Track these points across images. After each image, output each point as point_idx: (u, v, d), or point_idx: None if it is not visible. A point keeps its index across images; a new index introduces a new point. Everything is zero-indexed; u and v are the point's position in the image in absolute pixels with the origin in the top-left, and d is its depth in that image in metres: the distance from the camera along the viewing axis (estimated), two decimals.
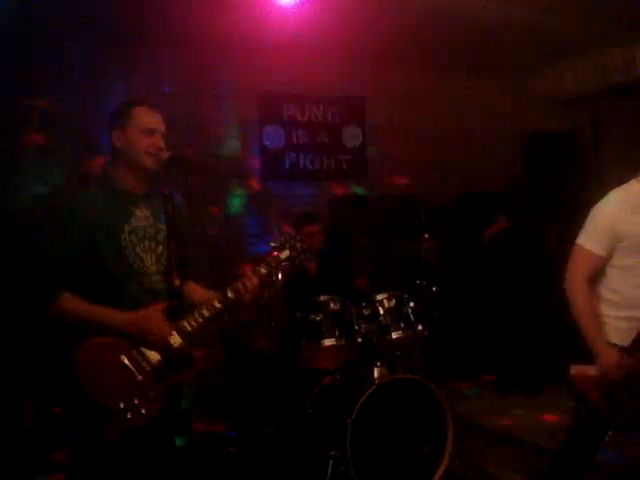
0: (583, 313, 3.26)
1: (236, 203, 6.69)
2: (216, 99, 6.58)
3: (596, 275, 3.33)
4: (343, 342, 4.57)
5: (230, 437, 4.98)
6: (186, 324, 3.00)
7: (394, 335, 4.61)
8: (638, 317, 3.23)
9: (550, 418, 5.56)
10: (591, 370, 3.22)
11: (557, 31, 6.29)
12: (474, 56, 7.02)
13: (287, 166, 7.01)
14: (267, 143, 6.92)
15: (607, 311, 3.30)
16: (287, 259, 3.35)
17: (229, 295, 3.10)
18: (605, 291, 3.34)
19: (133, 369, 2.88)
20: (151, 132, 3.02)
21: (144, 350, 2.91)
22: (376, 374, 4.46)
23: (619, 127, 7.58)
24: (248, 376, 5.06)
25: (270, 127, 6.94)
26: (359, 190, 7.19)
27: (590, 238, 3.30)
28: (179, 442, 3.35)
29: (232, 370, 5.12)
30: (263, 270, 3.24)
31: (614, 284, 3.31)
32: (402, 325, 4.64)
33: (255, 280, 3.18)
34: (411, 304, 4.72)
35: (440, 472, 4.33)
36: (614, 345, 3.21)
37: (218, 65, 6.52)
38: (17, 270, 5.03)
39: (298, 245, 3.38)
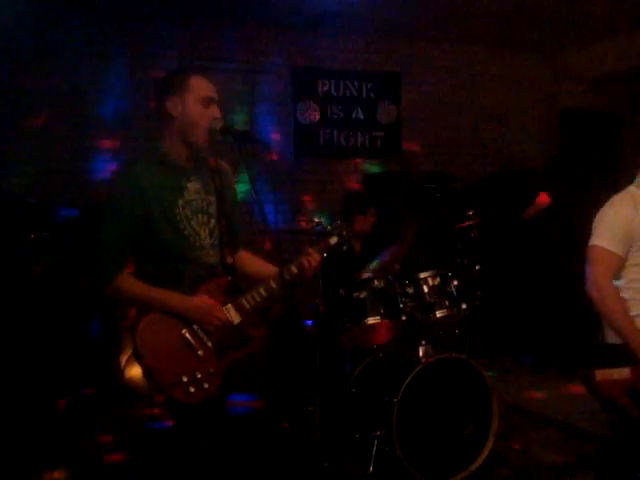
0: (620, 316, 3.16)
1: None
2: (250, 74, 6.49)
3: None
4: (387, 320, 4.51)
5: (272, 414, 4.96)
6: (244, 302, 2.97)
7: (439, 314, 4.53)
8: None
9: (589, 400, 5.47)
10: (617, 373, 3.10)
11: (596, 9, 6.15)
12: (512, 32, 6.89)
13: (321, 142, 6.92)
14: (301, 119, 6.83)
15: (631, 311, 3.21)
16: (335, 245, 3.32)
17: (286, 277, 3.06)
18: (625, 292, 3.24)
19: (195, 344, 2.84)
20: (210, 101, 2.93)
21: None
22: (421, 353, 4.39)
23: None
24: (291, 354, 5.00)
25: (304, 103, 6.84)
26: (393, 167, 7.08)
27: (609, 239, 3.21)
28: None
29: (275, 348, 5.06)
30: (323, 248, 3.24)
31: (633, 283, 3.23)
32: (446, 303, 4.57)
33: (318, 257, 3.16)
34: (454, 282, 4.64)
35: (485, 453, 4.28)
36: None
37: (252, 40, 6.43)
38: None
39: (345, 234, 3.35)
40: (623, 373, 3.09)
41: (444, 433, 4.23)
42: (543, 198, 6.32)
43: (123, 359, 4.71)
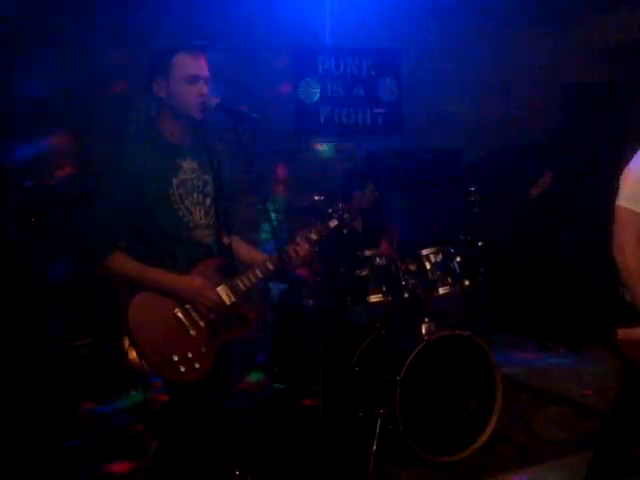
0: (637, 282, 3.10)
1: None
2: (249, 52, 6.41)
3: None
4: (390, 297, 4.48)
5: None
6: (239, 283, 2.96)
7: (441, 290, 4.52)
8: None
9: (596, 376, 5.45)
10: (639, 333, 3.10)
11: None
12: (511, 5, 6.80)
13: (322, 120, 6.85)
14: (301, 97, 6.76)
15: None
16: (335, 227, 3.30)
17: (282, 258, 3.04)
18: None
19: (187, 323, 2.83)
20: (195, 79, 2.87)
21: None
22: (424, 330, 4.38)
23: None
24: (293, 333, 4.98)
25: (304, 81, 6.77)
26: (397, 144, 7.01)
27: (633, 198, 3.13)
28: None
29: (277, 327, 5.04)
30: (314, 236, 3.19)
31: None
32: (449, 280, 4.55)
33: (306, 246, 3.14)
34: (457, 259, 4.61)
35: (489, 431, 4.27)
36: None
37: (251, 17, 6.34)
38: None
39: (346, 216, 3.32)
40: None
41: (447, 410, 4.23)
42: (547, 176, 6.26)
43: (126, 341, 4.70)
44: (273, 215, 3.97)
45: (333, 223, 3.27)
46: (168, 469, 2.92)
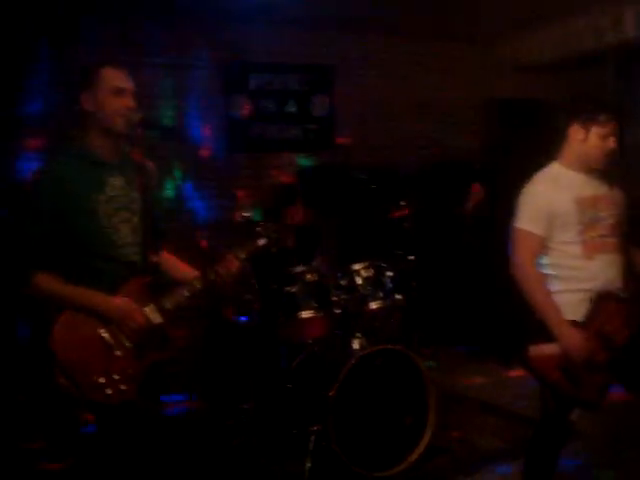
0: (541, 297, 3.23)
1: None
2: (179, 69, 6.37)
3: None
4: (321, 313, 4.48)
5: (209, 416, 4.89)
6: (167, 302, 2.92)
7: (373, 305, 4.53)
8: (586, 289, 3.22)
9: (526, 386, 5.53)
10: (549, 349, 3.19)
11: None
12: (442, 23, 6.90)
13: (253, 137, 6.83)
14: (232, 114, 6.73)
15: (554, 287, 3.27)
16: (263, 246, 3.27)
17: (210, 277, 3.03)
18: (549, 268, 3.30)
19: (112, 344, 2.77)
20: (120, 92, 2.88)
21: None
22: (356, 345, 4.38)
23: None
24: (224, 351, 4.93)
25: (235, 97, 6.74)
26: (328, 160, 7.03)
27: (529, 220, 3.26)
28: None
29: (207, 345, 4.98)
30: (242, 255, 3.17)
31: (556, 259, 3.28)
32: (381, 295, 4.57)
33: (236, 264, 3.12)
34: (388, 273, 4.64)
35: (423, 443, 4.27)
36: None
37: (180, 34, 6.31)
38: None
39: (274, 236, 3.30)
40: (554, 348, 3.17)
41: (382, 425, 4.22)
42: (476, 189, 6.37)
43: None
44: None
45: (261, 242, 3.25)
46: None
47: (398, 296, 4.62)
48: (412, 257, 4.91)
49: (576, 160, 3.35)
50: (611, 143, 3.28)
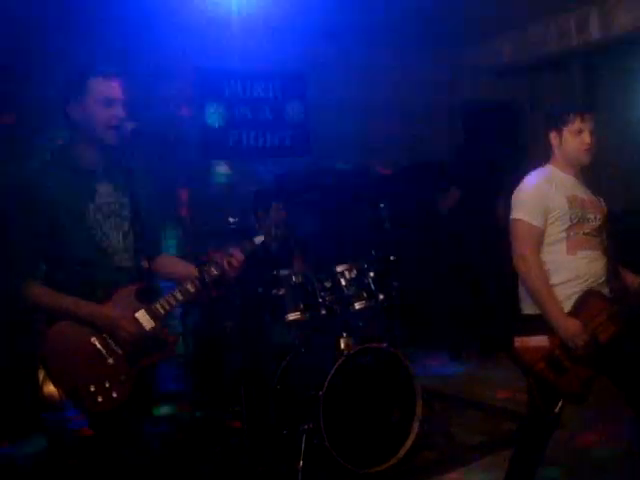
0: (543, 289, 3.27)
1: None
2: (155, 77, 6.39)
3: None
4: (307, 315, 4.54)
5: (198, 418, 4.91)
6: (159, 307, 2.90)
7: (357, 305, 4.60)
8: (571, 285, 3.28)
9: (506, 381, 5.63)
10: (534, 341, 3.26)
11: (492, 2, 6.31)
12: (409, 27, 6.99)
13: (229, 144, 6.88)
14: (208, 121, 6.78)
15: (552, 280, 3.32)
16: (260, 243, 3.25)
17: (212, 272, 3.02)
18: (546, 262, 3.35)
19: (104, 352, 2.77)
20: (110, 102, 2.86)
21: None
22: (342, 345, 4.44)
23: (555, 97, 7.67)
24: (213, 355, 4.97)
25: (211, 105, 6.79)
26: (304, 164, 7.11)
27: (529, 212, 3.31)
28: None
29: (197, 349, 5.02)
30: (248, 247, 3.17)
31: (549, 255, 3.34)
32: (364, 295, 4.64)
33: (240, 257, 3.08)
34: (371, 274, 4.71)
35: (411, 440, 4.35)
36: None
37: (156, 43, 6.33)
38: None
39: (273, 232, 3.30)
40: (540, 341, 3.24)
41: (371, 422, 4.29)
42: (454, 191, 6.49)
43: (41, 374, 4.58)
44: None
45: (259, 239, 3.23)
46: None
47: (381, 296, 4.69)
48: (392, 257, 4.99)
49: (565, 163, 3.42)
50: (586, 137, 3.34)
